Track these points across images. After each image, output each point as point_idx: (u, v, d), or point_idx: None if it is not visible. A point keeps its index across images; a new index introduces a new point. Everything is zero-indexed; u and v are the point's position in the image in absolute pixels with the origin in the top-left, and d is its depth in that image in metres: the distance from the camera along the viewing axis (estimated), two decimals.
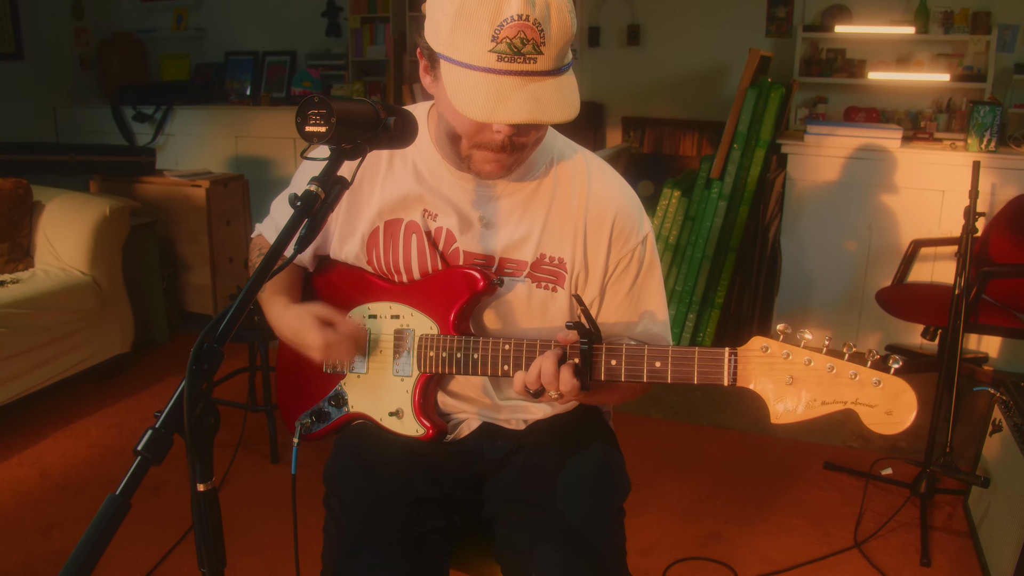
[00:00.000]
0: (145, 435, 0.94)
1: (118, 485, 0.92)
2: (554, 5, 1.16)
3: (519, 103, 1.17)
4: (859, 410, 1.15)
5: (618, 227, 1.44)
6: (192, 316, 4.55)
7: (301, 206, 1.06)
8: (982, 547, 2.59)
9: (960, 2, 4.49)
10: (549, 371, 1.27)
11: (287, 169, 5.49)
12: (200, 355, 0.97)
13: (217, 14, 6.17)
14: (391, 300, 1.48)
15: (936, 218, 4.07)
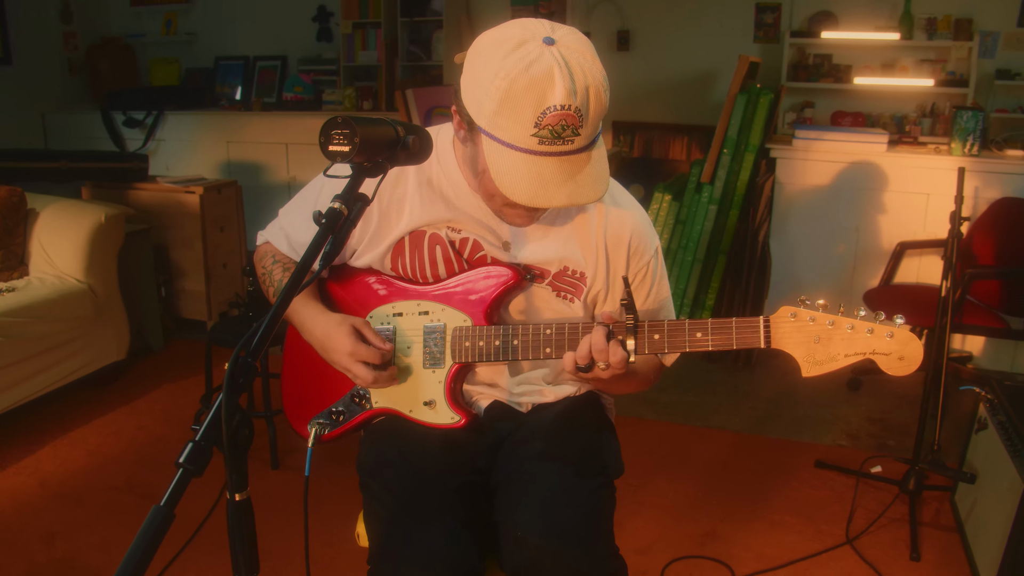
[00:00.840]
0: (186, 448, 0.98)
1: (162, 498, 0.95)
2: (592, 88, 1.24)
3: (559, 187, 1.27)
4: (877, 358, 1.33)
5: (634, 245, 1.55)
6: (186, 322, 4.57)
7: (326, 223, 1.10)
8: (969, 541, 2.66)
9: (943, 9, 4.58)
10: (600, 343, 1.37)
11: (279, 174, 5.51)
12: (236, 369, 1.00)
13: (207, 18, 6.19)
14: (418, 299, 1.55)
15: (921, 220, 4.15)
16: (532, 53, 1.23)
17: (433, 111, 4.77)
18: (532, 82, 1.21)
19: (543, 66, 1.21)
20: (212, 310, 4.54)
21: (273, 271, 1.65)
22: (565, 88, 1.21)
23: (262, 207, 5.44)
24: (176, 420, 3.48)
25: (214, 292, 4.54)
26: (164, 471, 3.06)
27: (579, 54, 1.25)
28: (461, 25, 5.39)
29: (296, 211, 1.65)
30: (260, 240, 1.75)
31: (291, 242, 1.65)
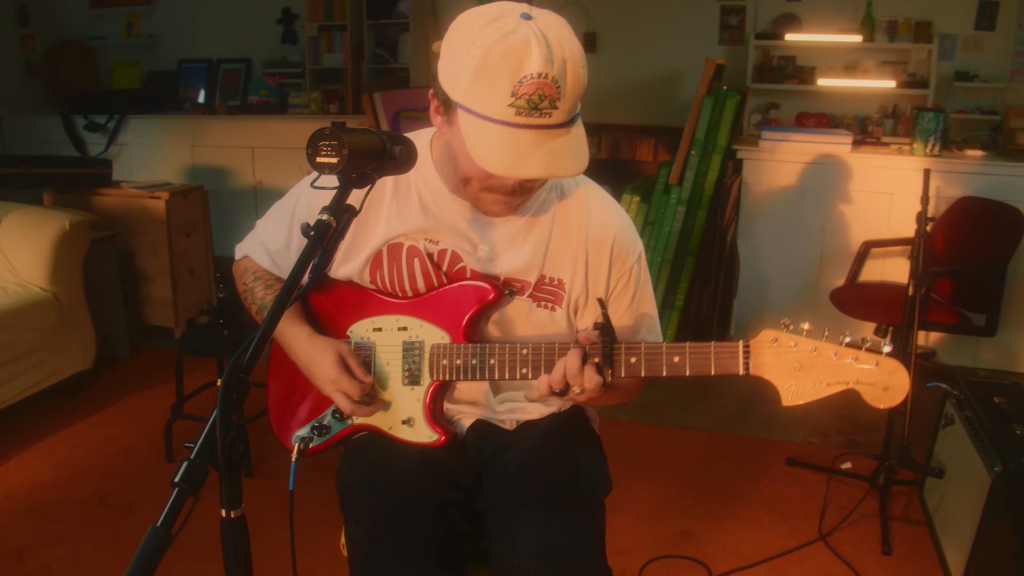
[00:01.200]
0: (181, 467, 0.96)
1: (160, 516, 0.95)
2: (570, 62, 1.22)
3: (537, 158, 1.23)
4: (860, 388, 1.28)
5: (617, 249, 1.51)
6: (153, 329, 4.50)
7: (315, 236, 1.09)
8: (937, 534, 2.72)
9: (903, 12, 4.66)
10: (575, 367, 1.35)
11: (245, 179, 5.46)
12: (230, 385, 0.99)
13: (169, 21, 6.10)
14: (397, 313, 1.53)
15: (886, 220, 4.23)
16: (509, 24, 1.21)
17: (401, 114, 4.75)
18: (509, 50, 1.19)
19: (520, 36, 1.19)
20: (179, 317, 4.48)
21: (255, 288, 1.64)
22: (542, 56, 1.18)
23: (228, 212, 5.41)
24: (146, 429, 3.42)
25: (181, 298, 4.48)
26: (135, 482, 3.02)
27: (556, 30, 1.23)
28: (427, 27, 5.36)
29: (274, 223, 1.63)
30: (239, 254, 1.72)
31: (271, 256, 1.63)
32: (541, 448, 1.53)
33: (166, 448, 3.16)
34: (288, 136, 5.34)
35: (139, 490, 2.96)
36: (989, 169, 4.09)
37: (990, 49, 4.64)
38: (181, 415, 3.14)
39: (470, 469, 1.55)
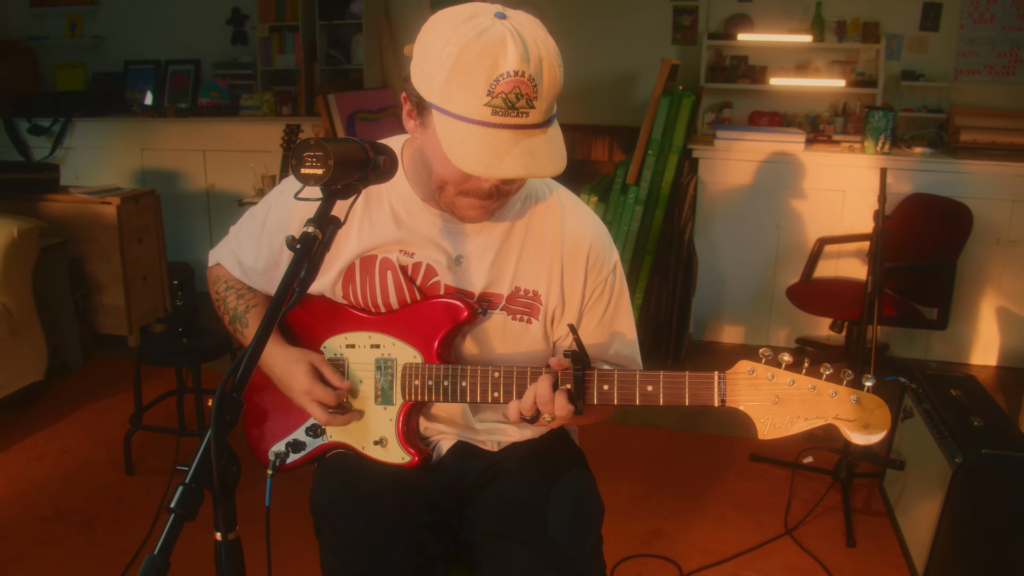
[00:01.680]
0: (177, 492, 0.94)
1: (155, 546, 0.91)
2: (546, 60, 1.20)
3: (514, 158, 1.20)
4: (839, 424, 1.24)
5: (592, 258, 1.49)
6: (106, 338, 4.40)
7: (301, 249, 1.07)
8: (899, 525, 2.78)
9: (852, 12, 4.76)
10: (545, 395, 1.32)
11: (197, 182, 5.35)
12: (223, 405, 0.97)
13: (114, 21, 5.94)
14: (370, 330, 1.49)
15: (839, 216, 4.31)
16: (484, 23, 1.18)
17: (356, 116, 4.71)
18: (484, 48, 1.16)
19: (495, 34, 1.17)
20: (133, 324, 4.38)
21: (227, 297, 1.61)
22: (518, 54, 1.16)
23: (181, 217, 5.31)
24: (102, 441, 3.34)
25: (134, 306, 4.38)
26: (94, 496, 2.94)
27: (532, 28, 1.22)
28: (380, 28, 5.32)
29: (245, 232, 1.60)
30: (212, 261, 1.69)
31: (242, 266, 1.60)
32: (534, 482, 1.50)
33: (125, 460, 3.08)
34: (241, 139, 5.25)
35: (99, 504, 2.89)
36: (937, 166, 4.20)
37: (934, 49, 4.76)
38: (140, 426, 3.07)
39: (447, 491, 1.52)
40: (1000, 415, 2.57)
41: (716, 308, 4.63)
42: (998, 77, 4.72)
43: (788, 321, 4.51)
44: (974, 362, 4.35)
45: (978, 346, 4.34)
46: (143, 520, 2.78)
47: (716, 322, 4.69)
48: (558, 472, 1.53)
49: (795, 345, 4.51)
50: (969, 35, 4.70)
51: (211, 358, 3.03)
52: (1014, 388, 3.86)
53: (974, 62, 4.73)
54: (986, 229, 4.08)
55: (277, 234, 1.52)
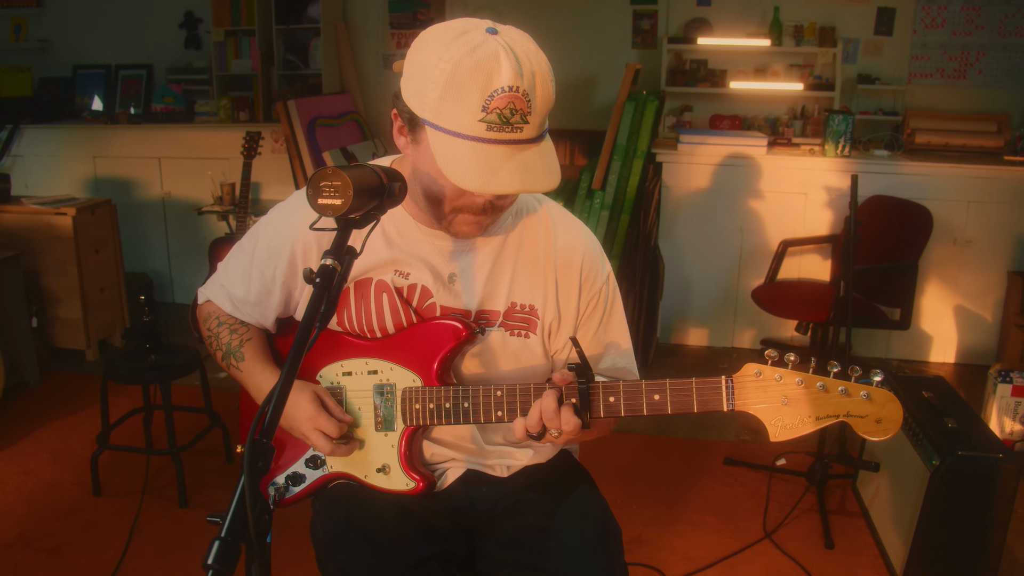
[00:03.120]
0: (212, 547, 0.89)
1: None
2: (539, 75, 1.20)
3: (510, 173, 1.19)
4: (851, 421, 1.24)
5: (586, 270, 1.48)
6: (63, 352, 4.27)
7: (321, 282, 1.04)
8: (875, 526, 2.83)
9: (808, 17, 4.83)
10: (550, 410, 1.30)
11: (152, 190, 5.22)
12: (255, 453, 0.93)
13: (62, 24, 5.76)
14: (366, 356, 1.46)
15: (801, 219, 4.38)
16: (476, 39, 1.18)
17: (316, 122, 4.64)
18: (478, 64, 1.16)
19: (488, 49, 1.17)
20: (91, 338, 4.26)
21: (220, 333, 1.56)
22: (512, 69, 1.16)
23: (136, 226, 5.18)
24: (67, 462, 3.23)
25: (92, 319, 4.26)
26: (61, 521, 2.84)
27: (523, 44, 1.22)
28: (338, 33, 5.25)
29: (234, 266, 1.56)
30: (201, 298, 1.65)
31: (233, 300, 1.56)
32: (548, 510, 1.47)
33: (93, 482, 2.99)
34: (197, 145, 5.14)
35: (67, 529, 2.79)
36: (895, 168, 4.28)
37: (889, 53, 4.85)
38: (108, 446, 2.97)
39: (454, 520, 1.50)
40: (972, 416, 2.62)
41: (682, 311, 4.67)
42: (950, 80, 4.84)
43: (753, 323, 4.57)
44: (933, 360, 4.46)
45: (937, 344, 4.44)
46: (115, 544, 2.70)
47: (682, 325, 4.72)
48: (572, 495, 1.51)
49: (760, 347, 4.57)
50: (922, 39, 4.81)
51: (181, 375, 2.95)
52: (972, 385, 3.96)
53: (927, 66, 4.84)
54: (943, 230, 4.17)
55: (268, 263, 1.49)
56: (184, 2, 5.54)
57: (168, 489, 3.01)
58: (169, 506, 2.94)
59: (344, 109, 5.06)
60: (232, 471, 3.21)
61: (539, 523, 1.46)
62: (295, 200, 1.51)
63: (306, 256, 1.46)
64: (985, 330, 4.38)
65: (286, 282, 1.49)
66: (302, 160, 4.49)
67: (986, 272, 4.31)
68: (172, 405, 2.95)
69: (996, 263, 4.29)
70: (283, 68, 5.35)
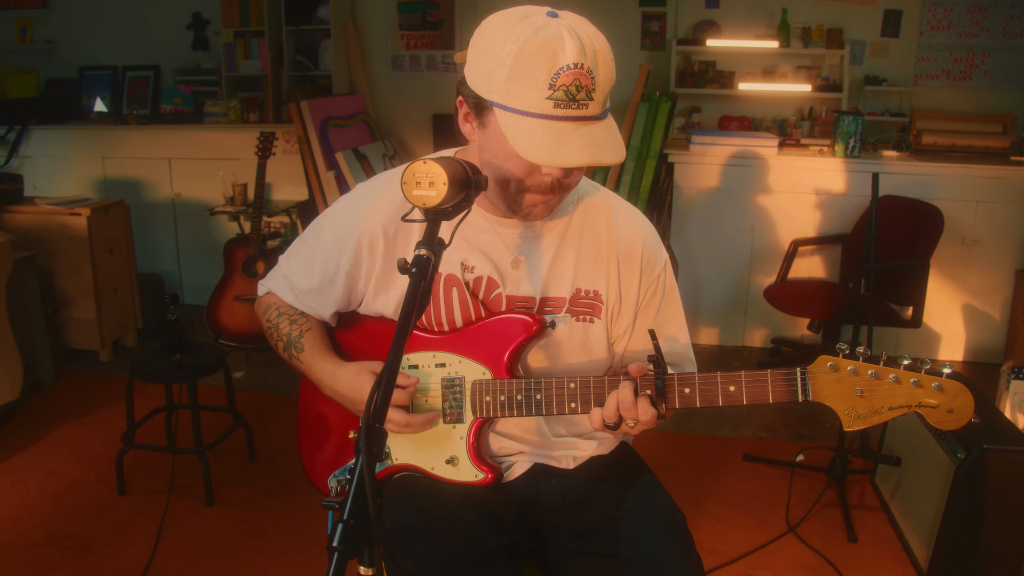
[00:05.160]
0: (337, 530, 0.90)
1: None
2: (601, 53, 1.24)
3: (579, 147, 1.23)
4: (924, 411, 1.27)
5: (646, 257, 1.51)
6: (77, 353, 4.27)
7: (417, 272, 1.06)
8: (896, 519, 2.87)
9: (816, 19, 4.87)
10: (628, 401, 1.33)
11: (162, 191, 5.23)
12: (371, 439, 0.94)
13: (68, 25, 5.76)
14: (434, 349, 1.48)
15: (811, 219, 4.41)
16: (539, 21, 1.23)
17: (328, 122, 4.66)
18: (543, 43, 1.20)
19: (552, 30, 1.21)
20: (105, 338, 4.26)
21: (280, 324, 1.58)
22: (576, 47, 1.20)
23: (147, 226, 5.17)
24: (88, 461, 3.24)
25: (106, 319, 4.26)
26: (88, 519, 2.85)
27: (583, 25, 1.26)
28: (348, 33, 5.27)
29: (296, 258, 1.59)
30: (262, 290, 1.67)
31: (295, 291, 1.58)
32: (619, 500, 1.50)
33: (118, 480, 2.99)
34: (207, 146, 5.14)
35: (95, 528, 2.80)
36: (904, 168, 4.33)
37: (895, 55, 4.90)
38: (133, 445, 2.98)
39: (522, 511, 1.51)
40: (994, 412, 2.66)
41: (693, 310, 4.70)
42: (956, 82, 4.88)
43: (764, 322, 4.60)
44: (942, 357, 4.50)
45: (946, 342, 4.49)
46: (143, 542, 2.71)
47: (693, 324, 4.71)
48: (638, 484, 1.54)
49: (771, 345, 4.60)
50: (928, 41, 4.85)
51: (206, 374, 2.96)
52: (981, 382, 3.99)
53: (933, 67, 4.89)
54: (952, 229, 4.21)
55: (332, 252, 1.50)
56: (192, 3, 5.54)
57: (193, 488, 3.02)
58: (195, 504, 2.95)
59: (354, 110, 5.07)
60: (255, 470, 3.22)
61: (611, 512, 1.48)
62: (361, 192, 1.53)
63: (372, 247, 1.47)
64: (993, 328, 4.43)
65: (350, 273, 1.50)
66: (315, 160, 4.50)
67: (994, 271, 4.36)
68: (199, 405, 2.96)
69: (1004, 262, 4.34)
70: (293, 69, 5.36)
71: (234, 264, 4.23)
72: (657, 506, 1.51)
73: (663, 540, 1.45)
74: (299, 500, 2.95)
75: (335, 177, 4.52)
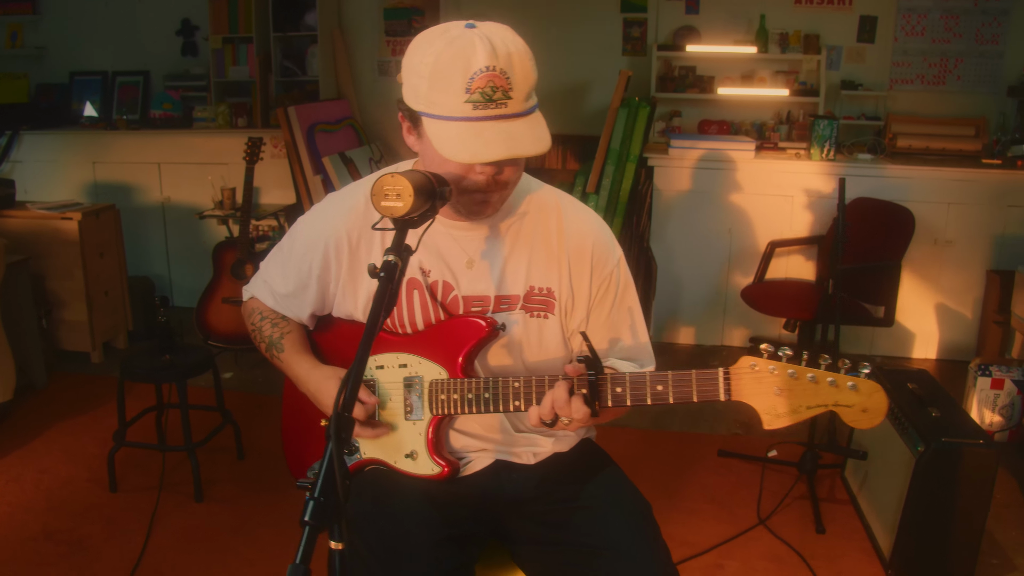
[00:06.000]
0: (308, 506, 1.00)
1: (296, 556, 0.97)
2: (515, 55, 1.33)
3: (497, 142, 1.31)
4: (839, 410, 1.32)
5: (596, 254, 1.59)
6: (69, 355, 4.34)
7: (385, 276, 1.16)
8: (863, 510, 2.97)
9: (793, 25, 4.99)
10: (562, 399, 1.40)
11: (152, 195, 5.30)
12: (340, 425, 1.04)
13: (58, 31, 5.83)
14: (398, 351, 1.57)
15: (788, 220, 4.52)
16: (454, 33, 1.33)
17: (315, 127, 4.74)
18: (457, 52, 1.30)
19: (466, 39, 1.31)
20: (96, 340, 4.34)
21: (262, 327, 1.69)
22: (487, 51, 1.29)
23: (137, 230, 5.25)
24: (81, 460, 3.32)
25: (97, 321, 4.34)
26: (82, 516, 2.93)
27: (499, 31, 1.35)
28: (335, 39, 5.36)
29: (274, 263, 1.69)
30: (246, 295, 1.77)
31: (275, 295, 1.68)
32: (579, 489, 1.59)
33: (109, 478, 3.08)
34: (196, 151, 5.22)
35: (87, 523, 2.89)
36: (878, 171, 4.44)
37: (871, 60, 5.02)
38: (125, 443, 3.07)
39: (475, 504, 1.59)
40: (954, 406, 2.77)
41: (673, 310, 4.80)
42: (929, 86, 5.01)
43: (742, 321, 4.71)
44: (916, 356, 4.62)
45: (920, 341, 4.60)
46: (135, 537, 2.80)
47: (673, 324, 4.86)
48: (600, 475, 1.64)
49: (749, 344, 4.71)
50: (903, 47, 4.98)
51: (195, 374, 3.06)
52: (953, 379, 4.11)
53: (907, 72, 5.01)
54: (924, 230, 4.33)
55: (304, 258, 1.60)
56: (181, 10, 5.62)
57: (183, 485, 3.11)
58: (185, 500, 3.04)
59: (341, 115, 5.16)
60: (243, 467, 3.31)
61: (575, 504, 1.58)
62: (328, 201, 1.64)
63: (338, 252, 1.57)
64: (965, 327, 4.55)
65: (321, 276, 1.60)
66: (302, 165, 4.58)
67: (966, 271, 4.47)
68: (188, 404, 3.04)
69: (975, 262, 4.45)
70: (281, 75, 5.45)
71: (223, 267, 4.31)
72: (622, 497, 1.60)
73: (630, 529, 1.54)
74: (285, 496, 3.04)
75: (322, 181, 4.61)
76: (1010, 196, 4.36)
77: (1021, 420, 3.58)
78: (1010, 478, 3.31)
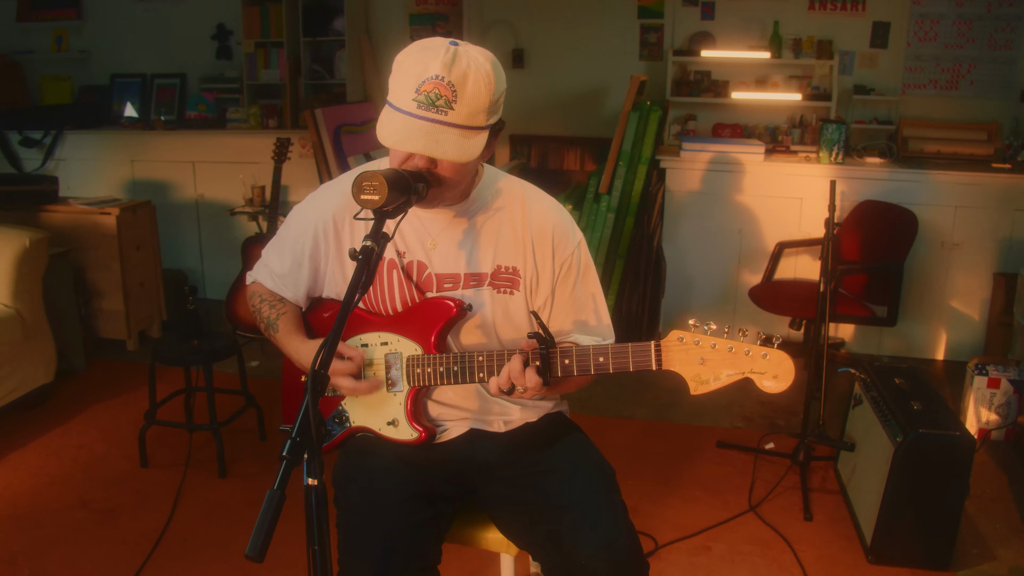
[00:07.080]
0: (286, 444, 1.19)
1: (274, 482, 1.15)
2: (472, 76, 1.48)
3: (420, 138, 1.47)
4: (753, 377, 1.50)
5: (557, 237, 1.77)
6: (106, 342, 4.60)
7: (363, 259, 1.34)
8: (851, 500, 3.10)
9: (807, 31, 5.10)
10: (517, 370, 1.59)
11: (187, 192, 5.56)
12: (316, 380, 1.22)
13: (100, 36, 6.12)
14: (379, 330, 1.77)
15: (797, 222, 4.64)
16: (435, 44, 1.49)
17: (341, 129, 4.95)
18: (421, 58, 1.47)
19: (436, 50, 1.47)
20: (131, 329, 4.59)
21: (261, 308, 1.88)
22: (444, 64, 1.44)
23: (171, 226, 5.50)
24: (114, 438, 3.55)
25: (132, 311, 4.58)
26: (114, 487, 3.16)
27: (472, 54, 1.50)
28: (362, 44, 5.57)
29: (274, 249, 1.88)
30: (249, 280, 1.97)
31: (273, 276, 1.87)
32: (551, 456, 1.77)
33: (140, 454, 3.31)
34: (229, 150, 5.47)
35: (120, 494, 3.11)
36: (886, 175, 4.54)
37: (884, 65, 5.11)
38: (155, 422, 3.29)
39: (449, 467, 1.78)
40: (937, 400, 2.89)
41: (683, 308, 4.94)
42: (942, 91, 5.09)
43: (750, 319, 4.83)
44: (924, 356, 4.70)
45: (927, 342, 4.69)
46: (162, 508, 3.02)
47: (684, 321, 4.96)
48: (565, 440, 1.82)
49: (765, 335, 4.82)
50: (915, 52, 5.06)
51: (222, 358, 3.27)
52: (959, 379, 4.20)
53: (920, 77, 5.10)
54: (932, 233, 4.43)
55: (298, 240, 1.81)
56: (216, 15, 5.88)
57: (208, 462, 3.32)
58: (209, 476, 3.25)
59: (367, 117, 5.36)
60: (264, 447, 3.52)
61: (542, 467, 1.75)
62: (319, 190, 1.85)
63: (326, 235, 1.77)
64: (973, 329, 4.62)
65: (312, 256, 1.79)
66: (328, 165, 4.79)
67: (973, 273, 4.55)
68: (213, 387, 3.26)
69: (982, 265, 4.53)
70: (309, 78, 5.68)
71: (251, 261, 4.50)
72: (586, 461, 1.78)
73: (592, 489, 1.71)
74: (303, 474, 3.23)
75: None
76: (1018, 200, 4.42)
77: (1016, 418, 3.67)
78: (1002, 474, 3.40)
